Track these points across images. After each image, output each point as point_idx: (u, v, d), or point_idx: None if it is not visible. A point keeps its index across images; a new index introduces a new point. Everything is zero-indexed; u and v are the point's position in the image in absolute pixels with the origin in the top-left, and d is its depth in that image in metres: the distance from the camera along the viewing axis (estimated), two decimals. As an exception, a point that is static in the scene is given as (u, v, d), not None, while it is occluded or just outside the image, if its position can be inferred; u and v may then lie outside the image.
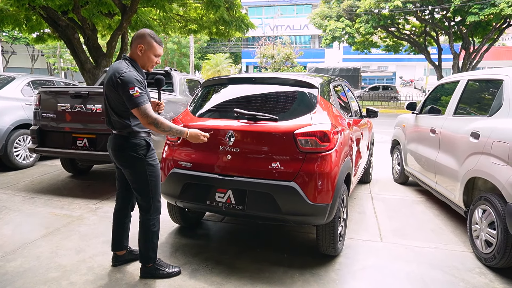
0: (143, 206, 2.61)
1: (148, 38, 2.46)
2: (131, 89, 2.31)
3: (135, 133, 2.49)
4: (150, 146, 2.56)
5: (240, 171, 2.79)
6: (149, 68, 2.54)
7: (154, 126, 2.37)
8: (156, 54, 2.51)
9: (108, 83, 2.41)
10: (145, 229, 2.64)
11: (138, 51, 2.46)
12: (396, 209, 4.27)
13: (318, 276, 2.77)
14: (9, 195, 4.52)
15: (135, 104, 2.32)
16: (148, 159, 2.53)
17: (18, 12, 10.15)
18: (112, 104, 2.46)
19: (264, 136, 2.76)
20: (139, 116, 2.35)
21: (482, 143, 3.01)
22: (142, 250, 2.67)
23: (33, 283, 2.61)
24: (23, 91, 5.90)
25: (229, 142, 2.81)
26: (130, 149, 2.48)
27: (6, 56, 34.15)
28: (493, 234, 2.83)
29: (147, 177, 2.54)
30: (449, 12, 16.75)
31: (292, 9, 40.01)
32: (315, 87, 2.99)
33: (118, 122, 2.46)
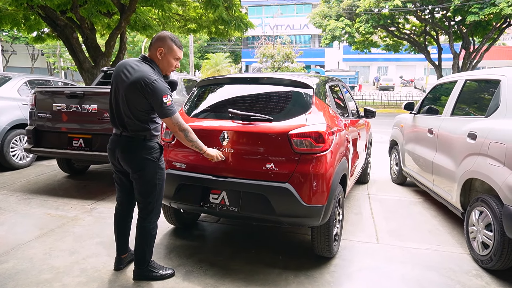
0: (146, 209, 2.56)
1: (168, 42, 2.41)
2: (165, 97, 2.28)
3: (151, 136, 2.45)
4: (163, 149, 2.56)
5: (234, 172, 2.77)
6: (168, 72, 2.49)
7: (183, 134, 2.41)
8: (176, 57, 2.47)
9: (133, 86, 2.31)
10: (145, 232, 2.60)
11: (158, 55, 2.41)
12: (393, 210, 4.25)
13: (313, 278, 2.75)
14: (5, 196, 4.50)
15: (168, 114, 2.32)
16: (160, 162, 2.52)
17: (17, 12, 10.13)
18: (132, 107, 2.37)
19: (258, 137, 2.73)
20: (171, 124, 2.36)
21: (479, 144, 2.98)
22: (139, 253, 2.64)
23: (25, 285, 2.59)
24: (20, 90, 5.87)
25: (223, 143, 2.78)
26: (146, 152, 2.44)
27: (6, 56, 34.15)
28: (490, 236, 2.80)
29: (156, 181, 2.51)
30: (449, 12, 16.70)
31: (292, 9, 39.98)
32: (311, 87, 2.96)
33: (135, 124, 2.39)
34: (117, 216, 2.75)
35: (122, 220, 2.75)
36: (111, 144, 2.55)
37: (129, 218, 2.77)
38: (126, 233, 2.79)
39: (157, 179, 2.52)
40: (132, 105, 2.38)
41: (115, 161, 2.57)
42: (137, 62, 2.41)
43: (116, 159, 2.54)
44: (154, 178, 2.51)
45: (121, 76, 2.37)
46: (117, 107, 2.44)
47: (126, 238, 2.80)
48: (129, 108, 2.38)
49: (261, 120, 2.77)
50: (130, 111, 2.38)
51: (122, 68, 2.40)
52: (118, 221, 2.75)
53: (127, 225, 2.77)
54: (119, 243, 2.78)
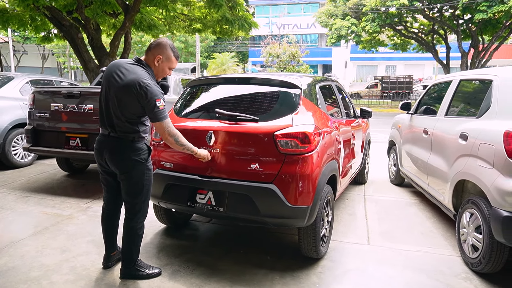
0: (133, 209, 2.58)
1: (168, 51, 2.44)
2: (158, 101, 2.30)
3: (139, 138, 2.47)
4: (151, 150, 2.58)
5: (220, 172, 2.78)
6: (159, 78, 2.54)
7: (173, 139, 2.44)
8: (171, 67, 2.51)
9: (127, 88, 2.32)
10: (132, 232, 2.61)
11: (156, 62, 2.44)
12: (388, 211, 4.21)
13: (299, 279, 2.74)
14: (4, 194, 4.58)
15: (159, 118, 2.34)
16: (148, 163, 2.53)
17: (23, 12, 10.28)
18: (124, 108, 2.38)
19: (243, 137, 2.73)
20: (161, 129, 2.39)
21: (470, 145, 2.94)
22: (126, 253, 2.66)
23: (14, 282, 2.63)
24: (22, 90, 5.97)
25: (209, 143, 2.79)
26: (134, 154, 2.45)
27: (17, 56, 34.71)
28: (480, 238, 2.76)
29: (144, 182, 2.53)
30: (458, 10, 16.47)
31: (300, 8, 39.84)
32: (298, 87, 2.95)
33: (124, 126, 2.40)
34: (104, 215, 2.77)
35: (109, 219, 2.77)
36: (98, 144, 2.56)
37: (117, 217, 2.79)
38: (114, 231, 2.81)
39: (144, 180, 2.53)
40: (123, 107, 2.38)
41: (102, 162, 2.58)
42: (130, 64, 2.42)
43: (104, 160, 2.55)
44: (142, 179, 2.52)
45: (114, 77, 2.38)
46: (107, 108, 2.45)
47: (114, 237, 2.82)
48: (120, 109, 2.39)
49: (247, 120, 2.77)
50: (121, 112, 2.39)
51: (114, 69, 2.40)
52: (105, 220, 2.77)
53: (114, 224, 2.79)
54: (107, 242, 2.80)
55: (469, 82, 3.55)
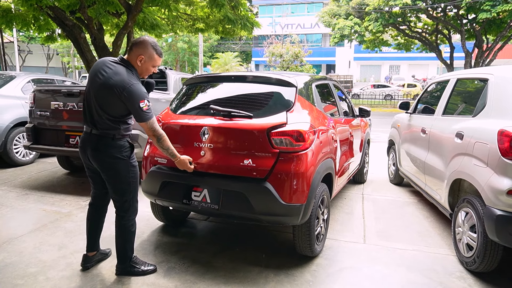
0: (123, 207, 2.59)
1: (150, 50, 2.43)
2: (142, 102, 2.32)
3: (121, 135, 2.48)
4: (133, 148, 2.58)
5: (214, 168, 2.79)
6: (144, 77, 2.55)
7: (156, 140, 2.45)
8: (155, 65, 2.51)
9: (107, 87, 2.34)
10: (124, 230, 2.63)
11: (138, 61, 2.43)
12: (386, 210, 4.21)
13: (293, 277, 2.75)
14: (4, 191, 4.63)
15: (144, 119, 2.35)
16: (131, 160, 2.54)
17: (26, 12, 10.37)
18: (106, 107, 2.39)
19: (238, 134, 2.75)
20: (147, 129, 2.41)
21: (465, 144, 2.93)
22: (121, 250, 2.68)
23: (11, 277, 2.67)
24: (24, 89, 6.02)
25: (203, 139, 2.80)
26: (115, 151, 2.45)
27: (22, 55, 34.96)
28: (474, 237, 2.76)
29: (130, 179, 2.54)
30: (462, 10, 16.37)
31: (303, 7, 39.79)
32: (293, 85, 2.97)
33: (105, 123, 2.41)
34: (89, 211, 2.77)
35: (94, 216, 2.76)
36: (82, 142, 2.56)
37: (102, 215, 2.79)
38: (98, 231, 2.79)
39: (130, 177, 2.54)
40: (106, 106, 2.39)
41: (86, 160, 2.59)
42: (114, 63, 2.42)
43: (87, 157, 2.56)
44: (127, 177, 2.53)
45: (97, 75, 2.39)
46: (89, 105, 2.47)
47: (96, 236, 2.80)
48: (102, 108, 2.40)
49: (241, 117, 2.78)
50: (103, 110, 2.40)
51: (98, 68, 2.42)
52: (90, 216, 2.76)
53: (99, 222, 2.78)
54: (89, 240, 2.78)
55: (466, 81, 3.54)
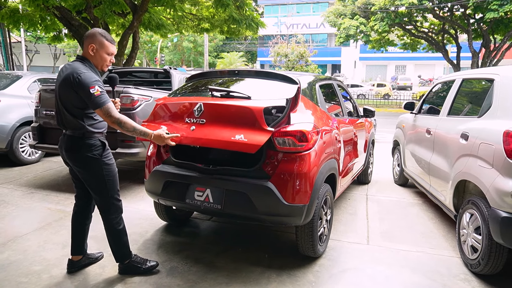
0: (102, 206, 2.58)
1: (99, 37, 2.43)
2: (92, 88, 2.28)
3: (89, 133, 2.44)
4: (106, 145, 2.53)
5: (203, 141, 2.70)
6: (103, 67, 2.51)
7: (118, 126, 2.36)
8: (109, 52, 2.47)
9: (64, 82, 2.36)
10: (111, 229, 2.61)
11: (90, 51, 2.43)
12: (390, 211, 4.18)
13: (295, 277, 2.75)
14: (10, 190, 4.68)
15: (97, 104, 2.30)
16: (104, 158, 2.50)
17: (33, 12, 10.46)
18: (66, 103, 2.42)
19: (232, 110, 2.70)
20: (103, 116, 2.34)
21: (470, 145, 2.90)
22: (114, 250, 2.68)
23: (15, 275, 2.69)
24: (30, 88, 6.07)
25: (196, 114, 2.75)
26: (86, 150, 2.44)
27: (29, 55, 35.28)
28: (479, 239, 2.73)
29: (104, 177, 2.50)
30: (469, 9, 16.22)
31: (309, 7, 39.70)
32: (296, 85, 2.95)
33: (71, 122, 2.42)
34: (73, 212, 2.74)
35: (77, 217, 2.72)
36: (59, 143, 2.57)
37: (86, 216, 2.74)
38: (81, 233, 2.73)
39: (104, 175, 2.50)
40: (66, 101, 2.42)
41: (65, 160, 2.60)
42: (72, 61, 2.47)
43: (64, 158, 2.57)
44: (101, 175, 2.50)
45: (59, 75, 2.45)
46: (57, 106, 2.49)
47: (81, 239, 2.74)
48: (63, 105, 2.43)
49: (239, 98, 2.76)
50: (64, 107, 2.42)
51: (60, 69, 2.49)
52: (73, 218, 2.73)
53: (83, 223, 2.73)
54: (72, 242, 2.73)
55: (472, 81, 3.50)
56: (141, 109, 4.47)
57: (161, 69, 5.76)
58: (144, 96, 4.55)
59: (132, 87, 4.58)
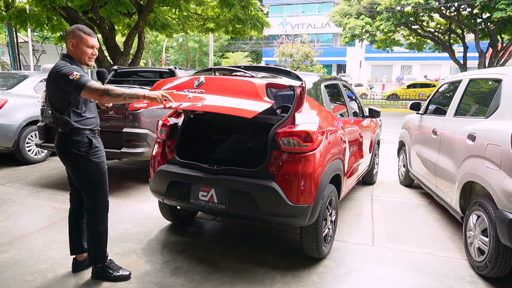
0: (87, 204, 2.57)
1: (76, 32, 2.44)
2: (70, 75, 2.27)
3: (76, 130, 2.43)
4: (93, 143, 2.50)
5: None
6: (87, 61, 2.49)
7: (107, 96, 2.27)
8: (89, 45, 2.46)
9: (48, 80, 2.43)
10: (90, 228, 2.59)
11: (70, 46, 2.44)
12: (395, 212, 4.15)
13: (300, 278, 2.73)
14: (17, 189, 4.71)
15: (80, 86, 2.25)
16: (90, 156, 2.48)
17: (40, 13, 10.54)
18: (53, 101, 2.45)
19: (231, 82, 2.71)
20: (90, 95, 2.28)
21: (478, 146, 2.87)
22: (90, 249, 2.64)
23: (21, 274, 2.71)
24: (36, 88, 6.12)
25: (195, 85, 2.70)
26: (72, 147, 2.44)
27: (36, 55, 35.57)
28: (486, 241, 2.70)
29: (90, 175, 2.49)
30: (476, 8, 16.08)
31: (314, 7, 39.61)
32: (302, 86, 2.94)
33: (59, 119, 2.44)
34: (69, 211, 2.75)
35: (72, 215, 2.74)
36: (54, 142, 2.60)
37: (82, 215, 2.72)
38: (78, 231, 2.73)
39: (90, 173, 2.49)
40: (52, 100, 2.45)
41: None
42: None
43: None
44: (87, 172, 2.49)
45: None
46: (50, 106, 2.52)
47: (80, 237, 2.74)
48: (51, 103, 2.47)
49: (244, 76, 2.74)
50: (52, 105, 2.46)
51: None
52: (69, 217, 2.74)
53: (80, 221, 2.72)
54: (70, 241, 2.74)
55: (479, 81, 3.47)
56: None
57: (166, 69, 5.77)
58: None
59: (137, 87, 4.59)
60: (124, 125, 4.42)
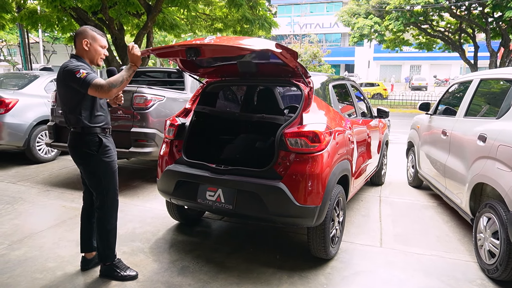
0: (97, 202, 2.60)
1: (90, 32, 2.48)
2: (77, 73, 2.31)
3: (88, 129, 2.47)
4: (103, 142, 2.52)
5: None
6: (98, 61, 2.52)
7: (113, 88, 2.30)
8: (102, 45, 2.51)
9: (57, 80, 2.48)
10: (99, 226, 2.62)
11: (84, 46, 2.46)
12: (403, 214, 4.11)
13: (307, 279, 2.72)
14: (27, 187, 4.78)
15: (87, 84, 2.29)
16: (101, 155, 2.51)
17: (51, 13, 10.68)
18: (63, 100, 2.51)
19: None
20: (97, 92, 2.31)
21: (488, 147, 2.83)
22: (99, 247, 2.67)
23: (31, 271, 2.74)
24: (47, 88, 6.20)
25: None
26: (83, 146, 2.48)
27: (47, 55, 36.03)
28: (497, 244, 2.65)
29: (101, 174, 2.53)
30: (488, 7, 15.84)
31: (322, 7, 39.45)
32: (310, 86, 2.93)
33: (71, 118, 2.47)
34: (82, 209, 2.79)
35: (84, 214, 2.77)
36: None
37: (91, 215, 2.76)
38: (88, 229, 2.76)
39: (101, 172, 2.52)
40: (63, 99, 2.50)
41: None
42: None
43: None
44: (98, 171, 2.52)
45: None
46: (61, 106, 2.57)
47: (90, 234, 2.77)
48: (62, 102, 2.52)
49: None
50: (64, 104, 2.50)
51: None
52: (81, 215, 2.78)
53: (91, 220, 2.75)
54: (81, 240, 2.77)
55: (490, 81, 3.41)
56: (154, 108, 4.51)
57: (174, 69, 5.80)
58: (157, 96, 4.59)
59: (145, 87, 4.62)
60: (133, 125, 4.45)
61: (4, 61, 32.13)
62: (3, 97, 5.56)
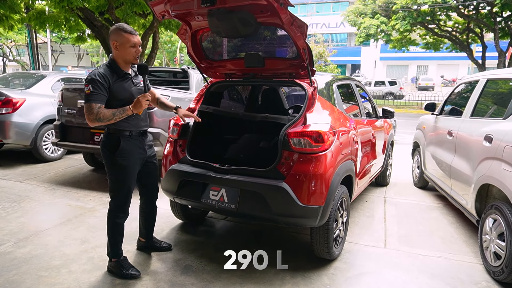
0: (110, 197, 2.71)
1: (117, 32, 2.45)
2: (86, 87, 2.41)
3: (111, 130, 2.59)
4: (120, 144, 2.55)
5: None
6: (132, 60, 2.51)
7: (98, 122, 2.40)
8: (131, 44, 2.46)
9: None
10: (108, 222, 2.73)
11: (114, 48, 2.47)
12: (408, 215, 4.08)
13: (310, 279, 2.71)
14: (34, 186, 4.83)
15: (86, 101, 2.40)
16: (117, 157, 2.55)
17: (58, 14, 10.78)
18: None
19: None
20: (85, 113, 2.41)
21: (495, 147, 2.80)
22: (107, 243, 2.77)
23: (36, 269, 2.77)
24: (53, 88, 6.25)
25: None
26: (104, 144, 2.62)
27: (55, 55, 36.38)
28: (502, 246, 2.62)
29: (111, 173, 2.62)
30: (496, 7, 15.66)
31: (329, 6, 39.33)
32: (314, 85, 2.92)
33: None
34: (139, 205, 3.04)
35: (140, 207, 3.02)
36: None
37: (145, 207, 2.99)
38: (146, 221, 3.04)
39: (112, 172, 2.61)
40: None
41: None
42: None
43: None
44: (110, 170, 2.62)
45: None
46: None
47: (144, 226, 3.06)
48: None
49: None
50: None
51: None
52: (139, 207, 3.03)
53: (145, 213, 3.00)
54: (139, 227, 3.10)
55: (497, 81, 3.38)
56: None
57: (179, 69, 5.82)
58: (162, 96, 4.59)
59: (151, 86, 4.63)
60: (138, 124, 4.46)
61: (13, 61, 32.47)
62: (11, 97, 5.63)
